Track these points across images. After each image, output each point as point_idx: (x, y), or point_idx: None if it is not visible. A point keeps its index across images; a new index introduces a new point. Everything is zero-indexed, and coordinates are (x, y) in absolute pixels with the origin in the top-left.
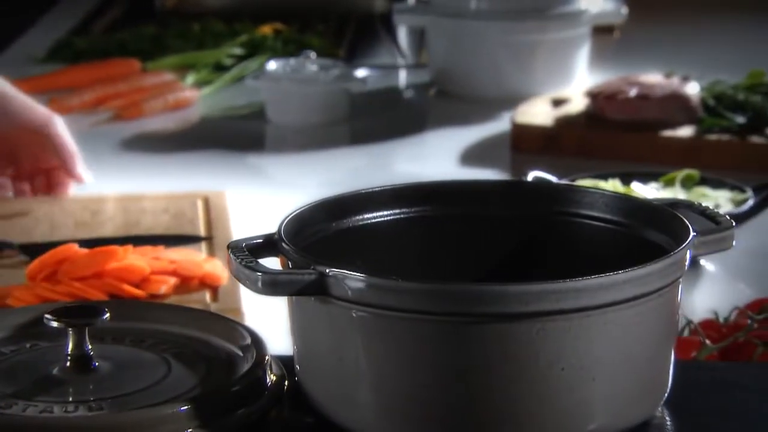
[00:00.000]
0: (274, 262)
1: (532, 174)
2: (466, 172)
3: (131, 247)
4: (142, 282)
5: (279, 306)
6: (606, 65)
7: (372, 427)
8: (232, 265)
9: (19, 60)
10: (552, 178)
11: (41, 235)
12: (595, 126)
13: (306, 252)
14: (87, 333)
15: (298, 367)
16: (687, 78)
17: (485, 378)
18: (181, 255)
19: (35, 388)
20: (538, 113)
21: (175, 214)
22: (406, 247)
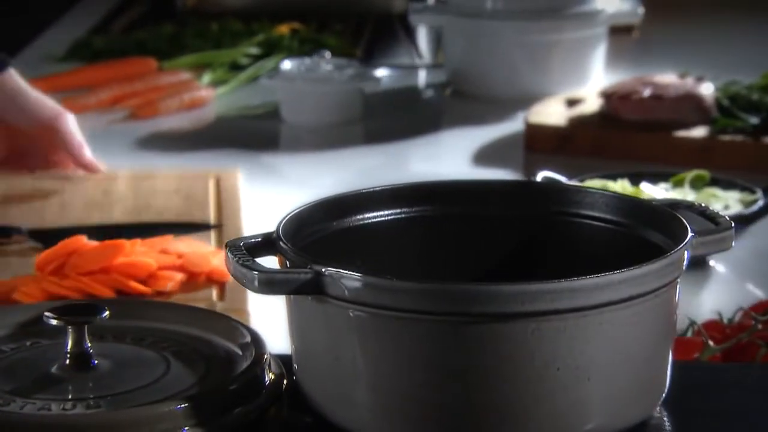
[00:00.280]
0: (273, 261)
1: (541, 174)
2: (478, 171)
3: (139, 241)
4: (148, 278)
5: (283, 305)
6: (624, 65)
7: (368, 427)
8: (229, 264)
9: (39, 59)
10: (561, 178)
11: (51, 216)
12: (609, 126)
13: (305, 251)
14: (86, 331)
15: (296, 367)
16: (701, 78)
17: (481, 377)
18: (190, 247)
19: (34, 385)
20: (551, 113)
21: (186, 195)
22: (406, 247)
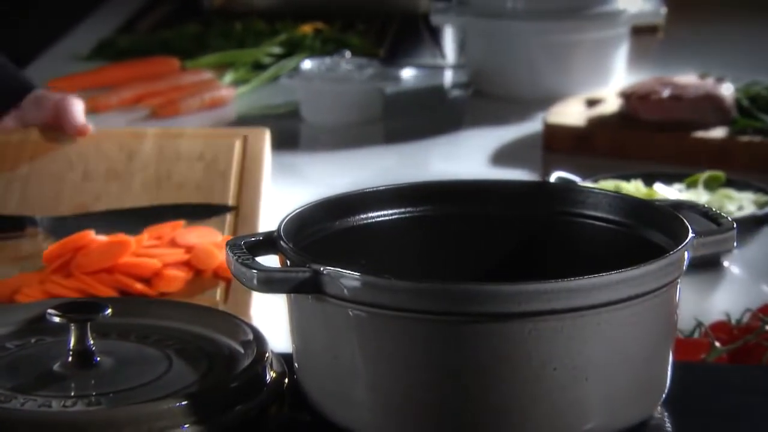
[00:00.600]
0: (274, 260)
1: (555, 174)
2: (497, 171)
3: (146, 236)
4: (153, 277)
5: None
6: (649, 66)
7: (367, 426)
8: (230, 263)
9: (64, 58)
10: (575, 178)
11: (71, 187)
12: (628, 126)
13: (306, 250)
14: (89, 328)
15: (296, 365)
16: (722, 79)
17: (478, 377)
18: (200, 237)
19: (36, 382)
20: (571, 113)
21: (209, 163)
22: (408, 247)
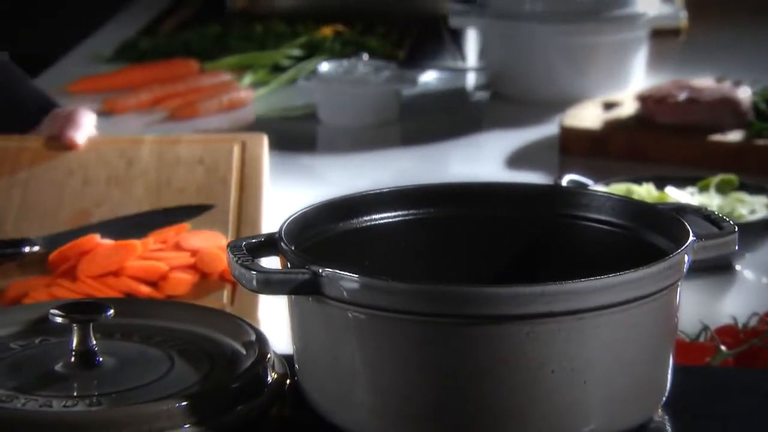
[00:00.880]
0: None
1: (567, 177)
2: (513, 174)
3: (152, 240)
4: (160, 280)
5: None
6: (670, 69)
7: (367, 427)
8: (230, 264)
9: (86, 59)
10: (588, 181)
11: (71, 194)
12: (644, 129)
13: (309, 252)
14: (91, 329)
15: (297, 367)
16: (739, 82)
17: (476, 379)
18: (205, 240)
19: (38, 382)
20: (587, 116)
21: (209, 167)
22: (411, 249)
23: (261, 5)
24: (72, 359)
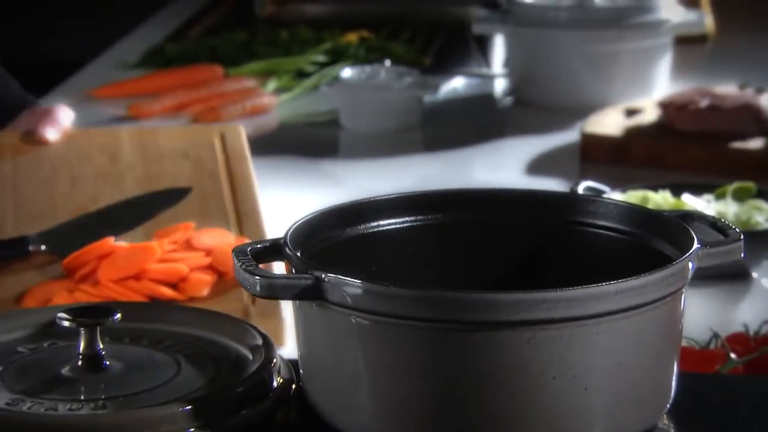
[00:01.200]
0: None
1: (584, 184)
2: (533, 180)
3: (166, 241)
4: (180, 282)
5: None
6: (696, 75)
7: None
8: (235, 269)
9: (114, 64)
10: (605, 188)
11: (63, 193)
12: (665, 137)
13: (315, 258)
14: (98, 333)
15: (302, 372)
16: (762, 89)
17: (478, 385)
18: (215, 238)
19: (45, 386)
20: (608, 123)
21: (196, 161)
22: (419, 255)
23: (289, 12)
24: (79, 363)
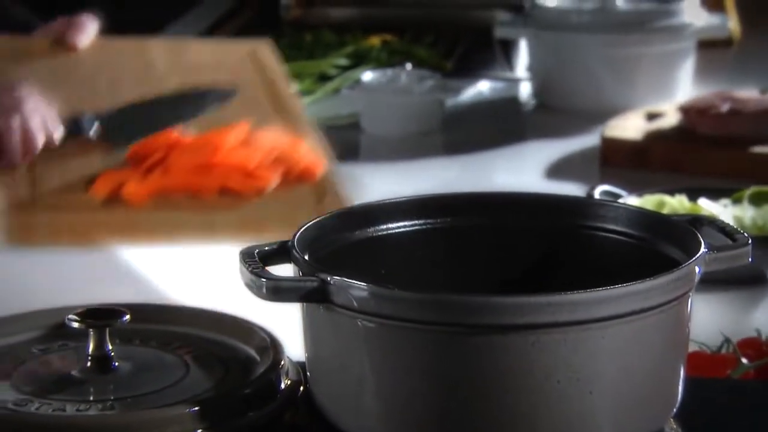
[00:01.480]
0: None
1: (600, 188)
2: (553, 184)
3: (232, 131)
4: (248, 175)
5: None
6: (720, 80)
7: None
8: (241, 271)
9: None
10: (621, 192)
11: (101, 94)
12: (685, 141)
13: (324, 260)
14: (107, 334)
15: (309, 373)
16: None
17: (482, 388)
18: (275, 136)
19: (54, 387)
20: (629, 127)
21: (232, 71)
22: (428, 258)
23: (314, 15)
24: (88, 364)
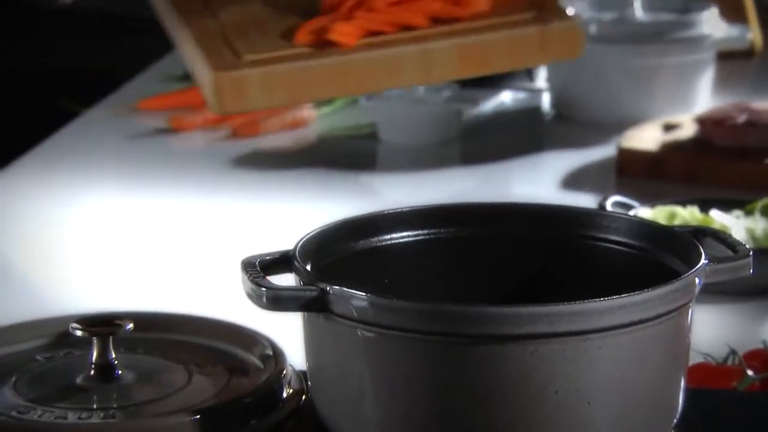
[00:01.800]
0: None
1: (612, 199)
2: (567, 195)
3: None
4: (456, 3)
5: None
6: (740, 91)
7: None
8: (242, 280)
9: (158, 78)
10: (633, 203)
11: None
12: (701, 152)
13: (326, 270)
14: (111, 343)
15: (310, 383)
16: None
17: (480, 398)
18: None
19: (57, 394)
20: (645, 138)
21: None
22: (431, 268)
23: None
24: (91, 372)
